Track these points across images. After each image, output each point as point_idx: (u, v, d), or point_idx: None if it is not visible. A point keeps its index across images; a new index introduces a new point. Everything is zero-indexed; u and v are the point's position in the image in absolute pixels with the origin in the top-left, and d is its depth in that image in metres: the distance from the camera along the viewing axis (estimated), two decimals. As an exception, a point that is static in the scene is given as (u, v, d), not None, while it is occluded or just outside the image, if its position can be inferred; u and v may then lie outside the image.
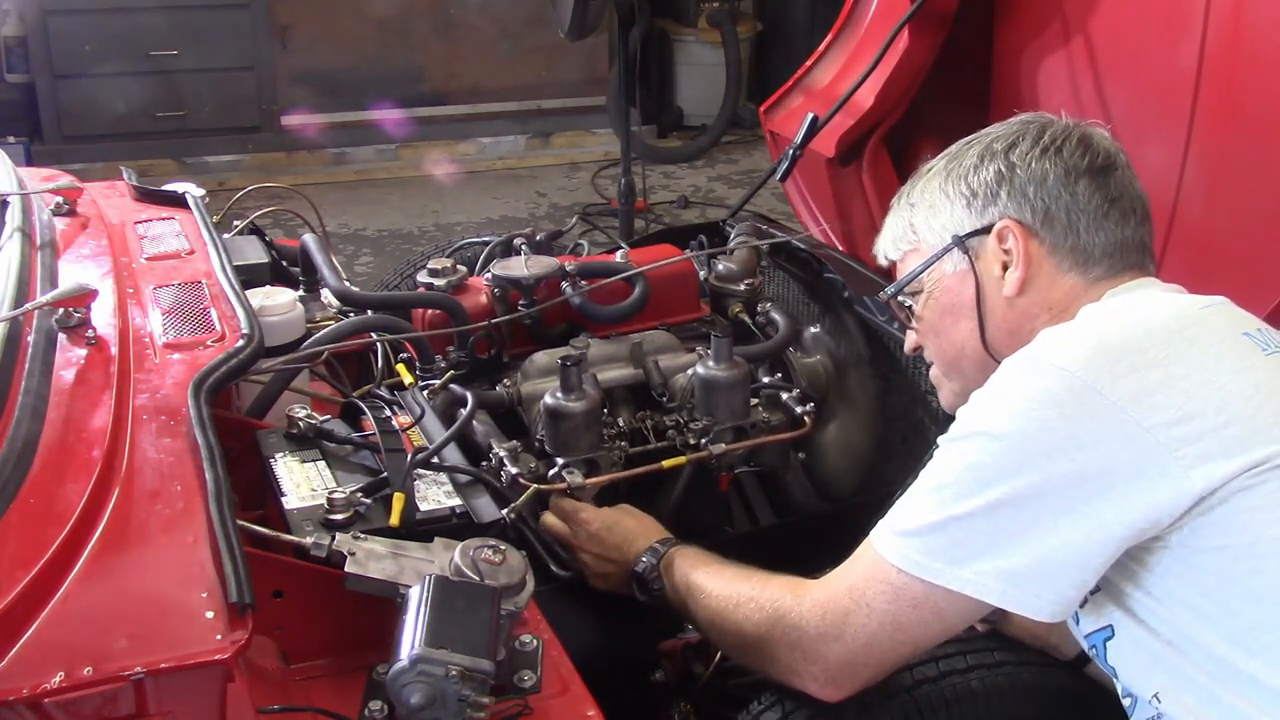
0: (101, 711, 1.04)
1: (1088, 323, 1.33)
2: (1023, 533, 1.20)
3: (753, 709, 1.45)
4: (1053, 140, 1.43)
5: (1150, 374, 1.21)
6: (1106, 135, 1.47)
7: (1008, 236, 1.41)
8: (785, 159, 2.69)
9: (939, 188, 1.49)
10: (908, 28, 2.74)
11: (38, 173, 2.38)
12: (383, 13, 6.12)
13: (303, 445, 1.54)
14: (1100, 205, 1.40)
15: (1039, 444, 1.20)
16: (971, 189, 1.45)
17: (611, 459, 1.85)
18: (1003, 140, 1.46)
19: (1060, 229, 1.40)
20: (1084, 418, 1.20)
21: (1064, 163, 1.42)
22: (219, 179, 5.44)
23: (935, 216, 1.48)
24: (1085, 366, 1.22)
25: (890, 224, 1.57)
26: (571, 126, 6.42)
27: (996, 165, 1.44)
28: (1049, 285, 1.41)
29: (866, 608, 1.28)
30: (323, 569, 1.31)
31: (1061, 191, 1.40)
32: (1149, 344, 1.24)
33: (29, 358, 1.48)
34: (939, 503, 1.24)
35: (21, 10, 5.44)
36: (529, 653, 1.32)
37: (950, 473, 1.25)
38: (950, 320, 1.48)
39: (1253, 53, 2.20)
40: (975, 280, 1.44)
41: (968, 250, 1.45)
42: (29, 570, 1.11)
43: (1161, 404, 1.19)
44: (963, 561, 1.21)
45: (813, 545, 1.93)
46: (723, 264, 2.29)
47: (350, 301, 2.02)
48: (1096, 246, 1.39)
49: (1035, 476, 1.19)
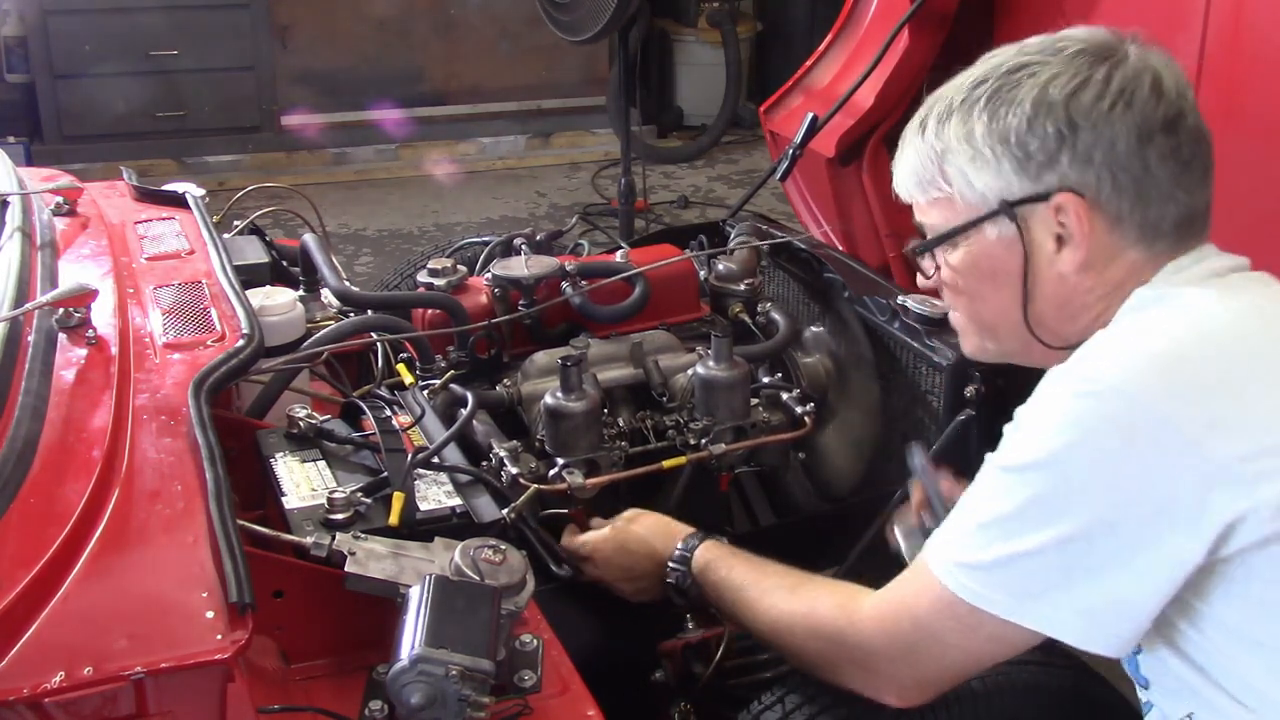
0: (101, 711, 1.04)
1: (1149, 332, 1.20)
2: (1097, 569, 1.14)
3: (753, 709, 1.45)
4: (1123, 89, 1.22)
5: (1222, 402, 1.13)
6: (1172, 64, 1.27)
7: (1067, 209, 1.24)
8: (785, 159, 2.69)
9: (982, 137, 1.26)
10: (908, 28, 2.74)
11: (38, 173, 2.38)
12: (383, 13, 6.12)
13: (303, 445, 1.54)
14: (1173, 172, 1.23)
15: (1106, 478, 1.13)
16: (1025, 148, 1.24)
17: (611, 459, 1.85)
18: (1062, 82, 1.23)
19: (1129, 202, 1.23)
20: (1153, 451, 1.12)
21: (1135, 119, 1.22)
22: (219, 179, 5.44)
23: (977, 172, 1.27)
24: (1151, 394, 1.13)
25: (911, 160, 1.35)
26: (571, 126, 6.42)
27: (1055, 121, 1.22)
28: (1108, 261, 1.26)
29: (936, 640, 1.24)
30: (323, 569, 1.31)
31: (1133, 159, 1.22)
32: (1220, 364, 1.15)
33: (29, 358, 1.48)
34: (1003, 536, 1.17)
35: (21, 10, 5.44)
36: (529, 653, 1.31)
37: (1010, 504, 1.17)
38: (989, 287, 1.33)
39: (1253, 53, 2.20)
40: (1024, 251, 1.28)
41: (1016, 218, 1.27)
42: (29, 570, 1.11)
43: (1236, 434, 1.11)
44: (1036, 596, 1.16)
45: (813, 545, 1.94)
46: (723, 264, 2.29)
47: (350, 301, 2.02)
48: (1166, 219, 1.24)
49: (1105, 511, 1.13)
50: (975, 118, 1.27)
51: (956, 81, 1.32)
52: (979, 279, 1.33)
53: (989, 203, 1.28)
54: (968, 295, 1.37)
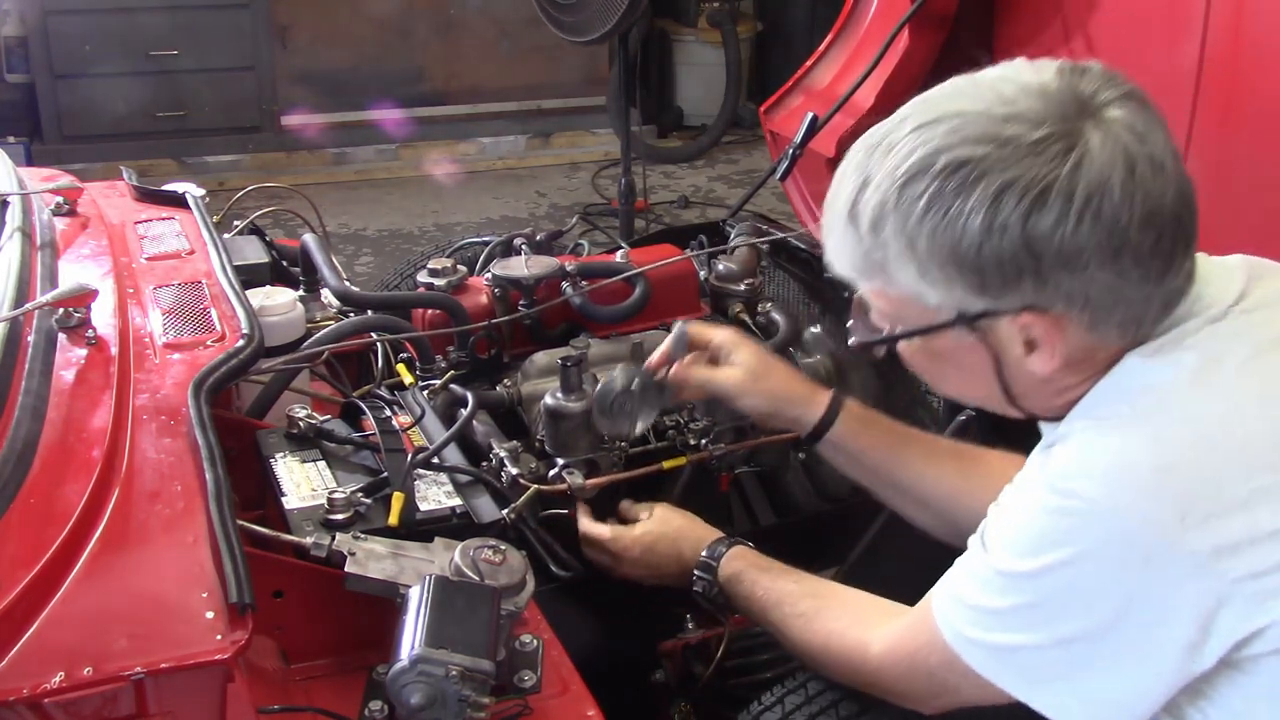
0: (101, 711, 1.04)
1: (1138, 437, 1.09)
2: (1102, 665, 1.10)
3: (753, 709, 1.46)
4: (1089, 198, 1.04)
5: (1231, 524, 1.04)
6: (1150, 123, 1.09)
7: (1033, 325, 1.12)
8: (785, 159, 2.69)
9: (927, 252, 1.10)
10: (908, 28, 2.74)
11: (38, 173, 2.38)
12: (383, 13, 6.12)
13: (303, 445, 1.54)
14: (1155, 269, 1.09)
15: (1103, 596, 1.08)
16: (980, 273, 1.09)
17: (611, 459, 1.85)
18: (1015, 196, 1.05)
19: (1105, 309, 1.10)
20: (1156, 572, 1.05)
21: (1105, 230, 1.05)
22: (219, 179, 5.44)
23: (927, 286, 1.13)
24: (1148, 521, 1.05)
25: (846, 250, 1.18)
26: (571, 126, 6.42)
27: (1012, 246, 1.06)
28: (1090, 354, 1.15)
29: (953, 690, 1.22)
30: (323, 569, 1.31)
31: (1104, 271, 1.07)
32: (1223, 476, 1.06)
33: (29, 358, 1.48)
34: (1002, 628, 1.14)
35: (21, 10, 5.44)
36: (529, 653, 1.31)
37: (1005, 603, 1.13)
38: (957, 374, 1.23)
39: (1253, 53, 2.20)
40: (991, 354, 1.17)
41: (976, 329, 1.15)
42: (29, 570, 1.11)
43: (1245, 553, 1.04)
44: (1044, 682, 1.13)
45: (813, 545, 1.93)
46: (723, 264, 2.29)
47: (350, 301, 2.02)
48: (1152, 307, 1.12)
49: (1106, 619, 1.08)
50: (915, 224, 1.09)
51: (887, 165, 1.12)
52: (943, 367, 1.24)
53: (944, 313, 1.15)
54: (933, 377, 1.28)
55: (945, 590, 1.23)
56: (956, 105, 1.11)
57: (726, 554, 1.55)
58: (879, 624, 1.34)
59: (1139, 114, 1.09)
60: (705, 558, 1.56)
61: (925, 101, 1.15)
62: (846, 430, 1.63)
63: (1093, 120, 1.08)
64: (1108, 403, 1.15)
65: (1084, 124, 1.07)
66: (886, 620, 1.34)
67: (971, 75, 1.15)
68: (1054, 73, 1.11)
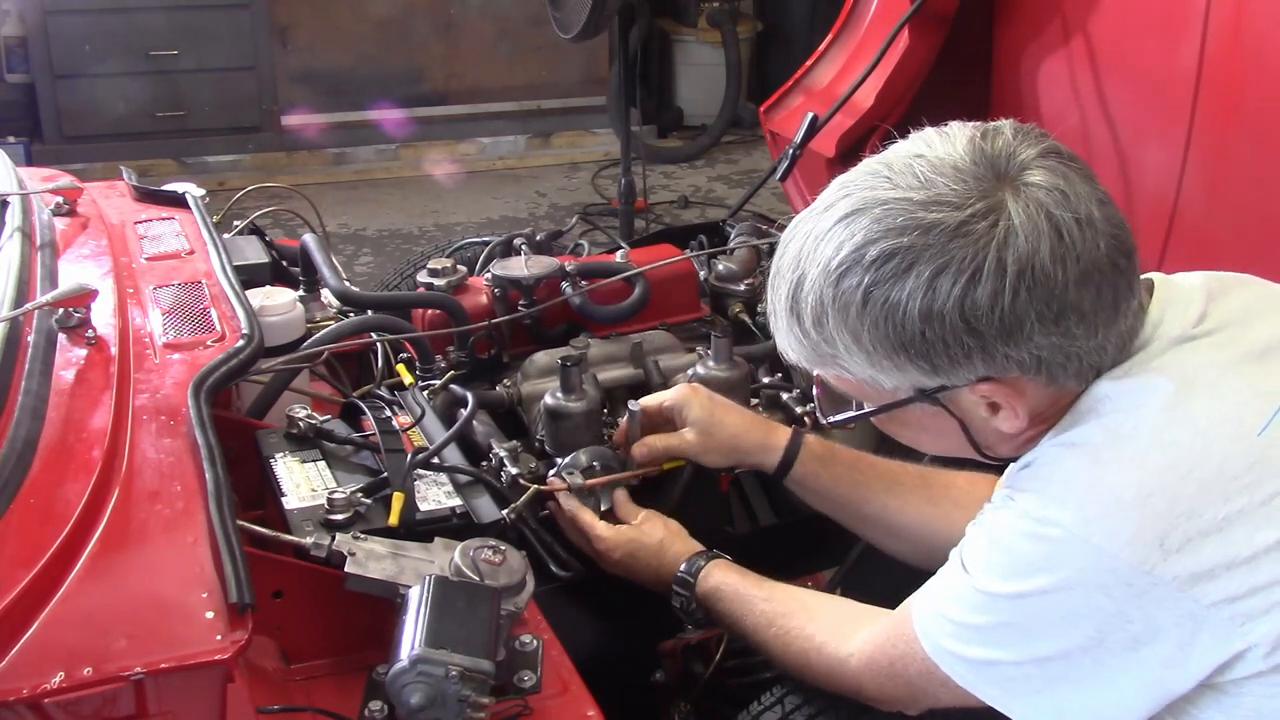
0: (101, 711, 1.04)
1: (1112, 463, 1.10)
2: (1080, 683, 1.11)
3: (753, 709, 1.46)
4: (1020, 272, 1.05)
5: (1206, 548, 1.05)
6: (1070, 177, 1.10)
7: (993, 393, 1.15)
8: (785, 159, 2.69)
9: (872, 343, 1.12)
10: (908, 28, 2.74)
11: (38, 173, 2.38)
12: (383, 13, 6.12)
13: (303, 445, 1.54)
14: (1102, 320, 1.11)
15: (1086, 616, 1.08)
16: (928, 358, 1.11)
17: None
18: (947, 283, 1.06)
19: (1058, 366, 1.12)
20: (1133, 598, 1.06)
21: (1043, 297, 1.07)
22: (219, 179, 5.44)
23: (880, 373, 1.15)
24: (1128, 547, 1.06)
25: (793, 340, 1.20)
26: (571, 126, 6.42)
27: (954, 330, 1.08)
28: (1054, 401, 1.17)
29: (932, 697, 1.26)
30: (323, 569, 1.32)
31: (1050, 333, 1.09)
32: (1200, 501, 1.06)
33: (29, 358, 1.47)
34: (981, 643, 1.16)
35: (21, 10, 5.45)
36: (529, 653, 1.31)
37: (985, 621, 1.15)
38: (930, 438, 1.27)
39: (1253, 53, 2.20)
40: (957, 420, 1.19)
41: (937, 401, 1.17)
42: (29, 570, 1.11)
43: (1222, 578, 1.05)
44: (1023, 696, 1.15)
45: (813, 545, 1.93)
46: (723, 264, 2.29)
47: (350, 301, 2.02)
48: (1106, 353, 1.13)
49: (1087, 639, 1.09)
50: (856, 319, 1.12)
51: (819, 258, 1.12)
52: (915, 433, 1.27)
53: (902, 392, 1.18)
54: (907, 439, 1.30)
55: (924, 602, 1.24)
56: (876, 193, 1.12)
57: (704, 569, 1.55)
58: (853, 634, 1.35)
59: (1057, 171, 1.10)
60: (683, 573, 1.56)
61: (844, 186, 1.16)
62: (806, 471, 1.66)
63: (1011, 190, 1.09)
64: (1081, 425, 1.15)
65: (1003, 196, 1.08)
66: (859, 628, 1.35)
67: (884, 155, 1.16)
68: (965, 143, 1.12)
